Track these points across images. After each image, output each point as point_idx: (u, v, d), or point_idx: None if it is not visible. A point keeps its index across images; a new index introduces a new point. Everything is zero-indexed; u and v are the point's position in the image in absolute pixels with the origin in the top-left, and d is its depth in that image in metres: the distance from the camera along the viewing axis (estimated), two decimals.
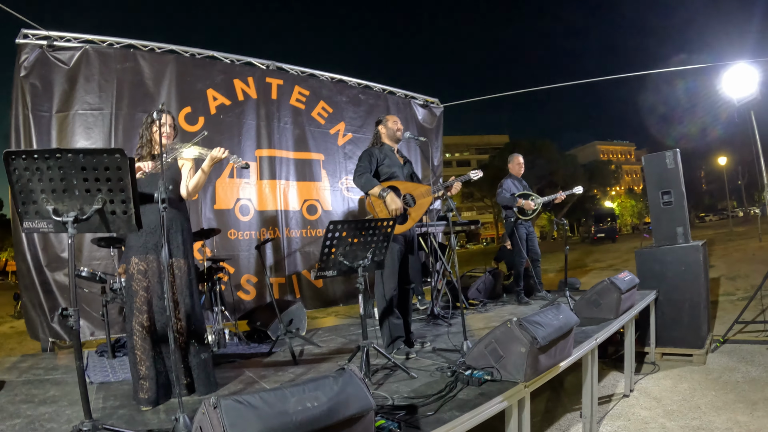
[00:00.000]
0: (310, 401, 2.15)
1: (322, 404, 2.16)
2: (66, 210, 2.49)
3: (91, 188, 2.48)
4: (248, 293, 7.25)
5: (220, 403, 1.99)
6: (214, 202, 7.16)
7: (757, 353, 6.22)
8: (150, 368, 3.54)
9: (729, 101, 7.74)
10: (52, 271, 5.99)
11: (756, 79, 7.17)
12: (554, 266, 19.10)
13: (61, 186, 2.45)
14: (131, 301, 3.63)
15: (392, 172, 5.04)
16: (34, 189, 2.43)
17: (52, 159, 2.38)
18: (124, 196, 2.52)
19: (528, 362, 3.15)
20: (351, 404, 2.25)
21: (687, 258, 6.49)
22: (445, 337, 5.35)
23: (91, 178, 2.46)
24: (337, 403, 2.21)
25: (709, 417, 4.62)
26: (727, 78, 7.53)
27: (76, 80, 6.34)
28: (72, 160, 2.40)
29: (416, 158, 9.43)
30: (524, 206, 7.56)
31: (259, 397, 2.07)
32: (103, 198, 2.50)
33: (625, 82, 34.00)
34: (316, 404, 2.15)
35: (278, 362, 4.88)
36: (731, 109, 7.92)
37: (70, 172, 2.42)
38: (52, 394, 3.97)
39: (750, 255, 14.10)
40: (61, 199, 2.47)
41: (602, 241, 40.32)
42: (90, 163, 2.42)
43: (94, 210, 2.49)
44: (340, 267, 3.81)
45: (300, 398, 2.14)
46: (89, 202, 2.50)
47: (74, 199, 2.48)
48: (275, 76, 8.06)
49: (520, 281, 7.55)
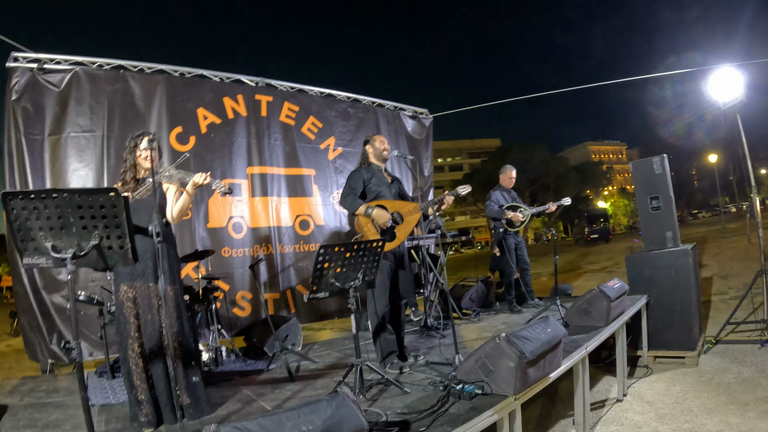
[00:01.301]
0: (305, 425, 2.23)
1: (316, 427, 2.24)
2: (64, 246, 2.55)
3: (88, 225, 2.54)
4: (244, 309, 7.28)
5: (220, 430, 2.06)
6: (207, 220, 7.18)
7: (749, 353, 6.27)
8: (146, 392, 3.60)
9: (715, 104, 7.79)
10: (49, 294, 6.00)
11: (741, 83, 7.23)
12: (548, 270, 19.11)
13: (59, 224, 2.51)
14: (123, 328, 3.68)
15: (380, 191, 5.12)
16: (32, 227, 2.50)
17: (48, 198, 2.44)
18: (120, 232, 2.58)
19: (517, 376, 3.22)
20: (344, 426, 2.33)
21: (677, 262, 6.55)
22: (438, 349, 5.41)
23: (87, 215, 2.52)
24: (331, 426, 2.29)
25: (701, 419, 4.66)
26: (713, 81, 7.59)
27: (68, 103, 6.34)
28: (68, 199, 2.46)
29: (406, 169, 9.46)
30: (512, 218, 7.63)
31: (256, 423, 2.15)
32: (99, 234, 2.56)
33: (617, 83, 33.95)
34: (311, 428, 2.23)
35: (275, 379, 4.93)
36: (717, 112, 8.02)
37: (66, 211, 2.48)
38: (55, 417, 4.02)
39: (742, 253, 14.16)
40: (59, 236, 2.53)
41: (596, 242, 40.31)
42: (85, 202, 2.49)
43: (91, 246, 2.56)
44: (332, 289, 3.88)
45: (296, 422, 2.22)
46: (86, 238, 2.56)
47: (72, 235, 2.54)
48: (264, 93, 8.09)
49: (511, 290, 7.63)
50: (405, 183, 5.55)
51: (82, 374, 2.67)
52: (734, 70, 7.41)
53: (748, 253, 13.16)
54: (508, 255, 7.66)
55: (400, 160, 9.15)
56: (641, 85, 72.75)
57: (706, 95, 7.93)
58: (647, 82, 50.18)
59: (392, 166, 7.59)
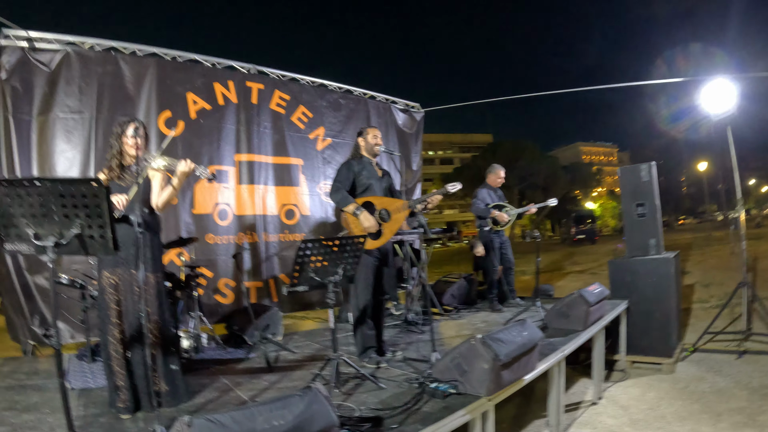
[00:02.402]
0: (276, 419, 2.27)
1: (288, 422, 2.28)
2: (46, 234, 2.56)
3: (70, 214, 2.55)
4: (226, 297, 7.27)
5: (193, 422, 2.10)
6: (193, 206, 7.16)
7: (726, 363, 6.33)
8: (125, 378, 3.62)
9: (707, 115, 7.81)
10: (32, 275, 5.97)
11: (734, 96, 7.25)
12: (533, 268, 19.07)
13: (41, 212, 2.51)
14: (104, 314, 3.70)
15: (369, 184, 5.14)
16: (14, 214, 2.51)
17: (31, 186, 2.45)
18: (102, 221, 2.58)
19: (491, 378, 3.27)
20: (316, 421, 2.37)
21: (659, 270, 6.63)
22: (416, 345, 5.46)
23: (69, 204, 2.52)
24: (302, 421, 2.32)
25: (674, 427, 4.73)
26: (705, 93, 7.59)
27: (57, 83, 6.26)
28: (50, 187, 2.47)
29: (396, 162, 9.46)
30: (498, 218, 7.68)
31: (229, 416, 2.20)
32: (81, 223, 2.58)
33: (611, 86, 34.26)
34: (283, 422, 2.27)
35: (254, 369, 4.96)
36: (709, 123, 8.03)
37: (48, 199, 2.48)
38: (35, 401, 4.02)
39: (726, 262, 14.25)
40: (41, 224, 2.54)
41: (582, 242, 40.46)
42: (68, 191, 2.49)
43: (73, 235, 2.57)
44: (311, 282, 3.90)
45: (267, 417, 2.26)
46: (68, 227, 2.57)
47: (54, 224, 2.55)
48: (256, 81, 8.06)
49: (493, 288, 7.66)
50: (393, 175, 5.55)
51: (61, 361, 2.69)
52: (728, 82, 7.40)
53: (732, 262, 13.25)
54: (492, 254, 7.70)
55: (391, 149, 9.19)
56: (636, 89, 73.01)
57: (697, 105, 7.94)
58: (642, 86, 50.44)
59: (381, 158, 7.61)
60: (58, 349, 2.63)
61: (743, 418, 4.79)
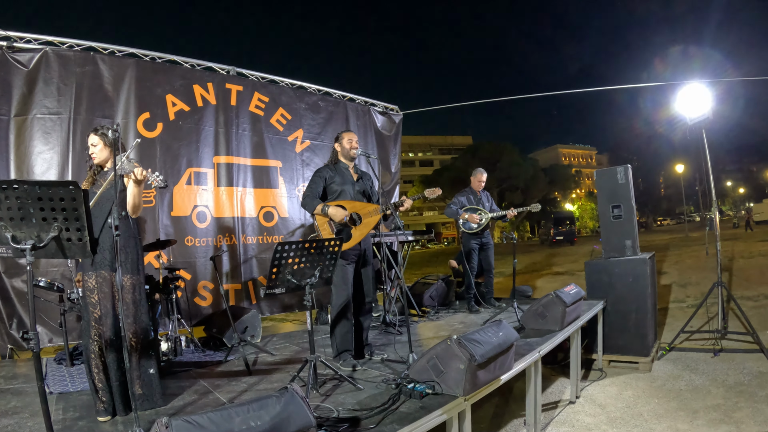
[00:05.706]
0: (254, 420, 2.29)
1: (265, 423, 2.30)
2: (24, 237, 2.56)
3: (48, 217, 2.55)
4: (205, 299, 7.26)
5: (171, 423, 2.12)
6: (172, 209, 7.13)
7: (702, 361, 6.41)
8: (104, 381, 3.62)
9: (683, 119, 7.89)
10: (9, 278, 5.94)
11: (709, 100, 7.34)
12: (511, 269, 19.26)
13: (19, 214, 2.52)
14: (87, 316, 3.71)
15: (341, 190, 5.17)
16: None
17: (9, 189, 2.46)
18: (79, 225, 2.59)
19: (467, 378, 3.31)
20: (292, 422, 2.39)
21: (635, 270, 6.69)
22: (394, 347, 5.48)
23: (47, 207, 2.53)
24: (279, 422, 2.35)
25: (651, 425, 4.77)
26: (681, 97, 7.68)
27: (35, 83, 6.24)
28: (29, 190, 2.47)
29: (374, 165, 9.47)
30: (468, 219, 7.73)
31: (207, 417, 2.21)
32: (59, 226, 2.58)
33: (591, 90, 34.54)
34: (260, 423, 2.29)
35: (232, 371, 4.96)
36: (685, 127, 8.09)
37: (27, 202, 2.49)
38: (14, 405, 4.00)
39: (702, 262, 14.40)
40: (19, 227, 2.54)
41: (561, 243, 40.76)
42: (46, 194, 2.50)
43: (50, 237, 2.57)
44: (288, 284, 3.91)
45: (244, 417, 2.28)
46: (46, 230, 2.57)
47: (32, 227, 2.56)
48: (235, 82, 8.05)
49: (471, 290, 7.71)
50: (372, 178, 5.56)
51: (40, 365, 2.69)
52: (703, 87, 7.50)
53: (708, 262, 13.40)
54: (472, 255, 7.75)
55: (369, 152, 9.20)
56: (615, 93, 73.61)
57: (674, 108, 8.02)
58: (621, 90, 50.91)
59: (360, 161, 7.60)
60: (37, 352, 2.63)
61: (719, 414, 4.85)
